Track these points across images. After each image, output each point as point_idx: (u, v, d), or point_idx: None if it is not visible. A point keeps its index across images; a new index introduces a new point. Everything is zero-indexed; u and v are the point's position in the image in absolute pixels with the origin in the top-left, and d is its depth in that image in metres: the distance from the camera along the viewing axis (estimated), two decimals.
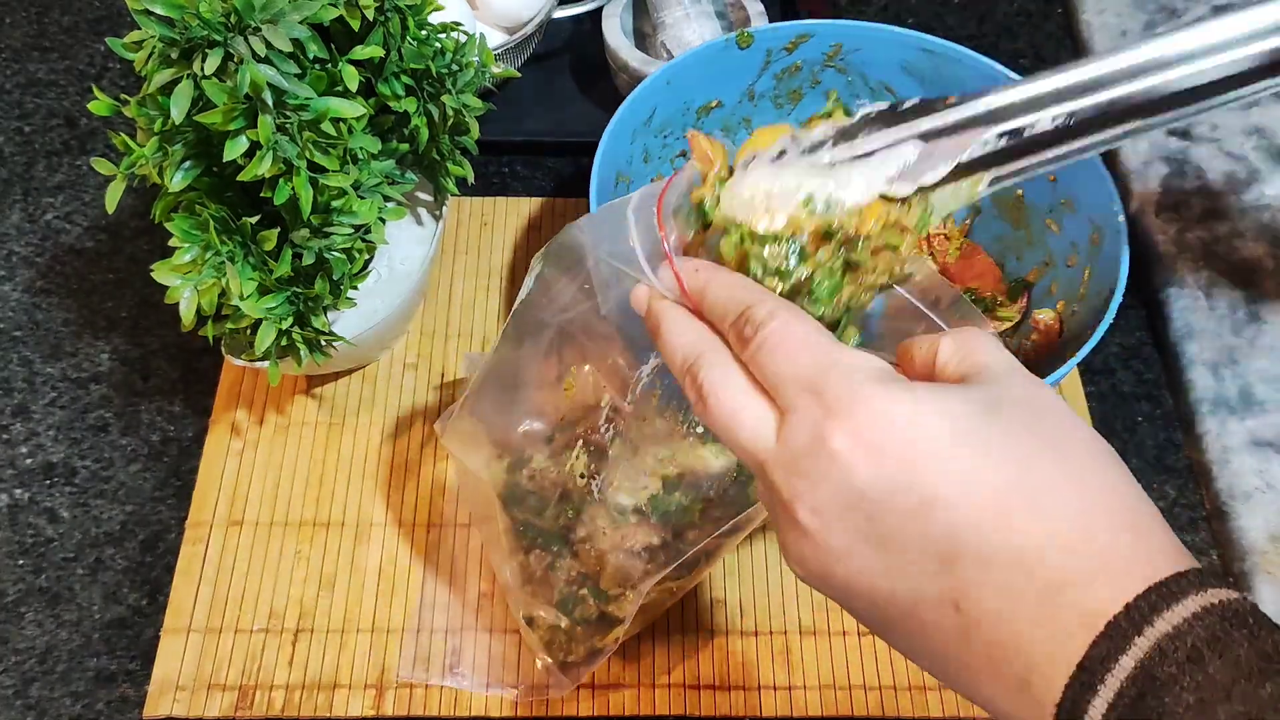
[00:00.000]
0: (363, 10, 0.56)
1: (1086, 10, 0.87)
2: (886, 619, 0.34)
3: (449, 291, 0.73)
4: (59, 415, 0.68)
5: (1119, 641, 0.29)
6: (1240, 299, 0.71)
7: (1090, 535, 0.31)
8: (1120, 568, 0.30)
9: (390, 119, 0.61)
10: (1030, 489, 0.31)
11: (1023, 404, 0.33)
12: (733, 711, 0.58)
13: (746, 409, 0.35)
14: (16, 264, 0.74)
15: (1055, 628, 0.30)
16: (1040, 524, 0.31)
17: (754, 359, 0.36)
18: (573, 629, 0.55)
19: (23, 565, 0.62)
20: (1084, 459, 0.33)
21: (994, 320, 0.67)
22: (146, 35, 0.52)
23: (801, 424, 0.33)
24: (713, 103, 0.69)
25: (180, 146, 0.54)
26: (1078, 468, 0.32)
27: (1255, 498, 0.64)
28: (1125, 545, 0.31)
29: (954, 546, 0.31)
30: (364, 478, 0.65)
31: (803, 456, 0.33)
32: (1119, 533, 0.31)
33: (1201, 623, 0.29)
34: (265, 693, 0.58)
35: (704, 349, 0.37)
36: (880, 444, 0.32)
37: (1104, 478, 0.32)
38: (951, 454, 0.32)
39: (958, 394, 0.33)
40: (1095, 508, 0.31)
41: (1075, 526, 0.31)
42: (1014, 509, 0.31)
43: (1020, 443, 0.32)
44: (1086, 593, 0.30)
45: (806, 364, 0.34)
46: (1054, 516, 0.31)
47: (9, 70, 0.84)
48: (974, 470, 0.32)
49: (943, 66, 0.67)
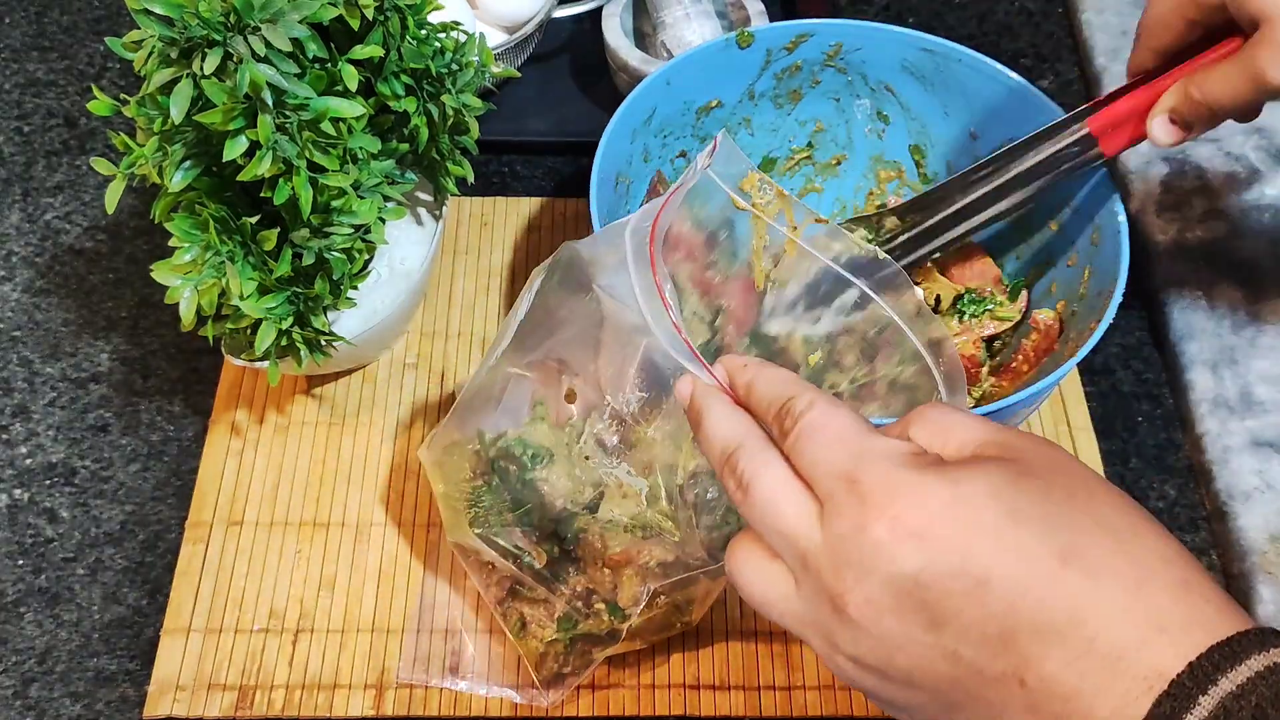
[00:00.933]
0: (362, 10, 0.56)
1: (1086, 10, 0.87)
2: (952, 703, 0.34)
3: (449, 291, 0.73)
4: (59, 415, 0.68)
5: (1183, 700, 0.30)
6: (1240, 299, 0.71)
7: (1144, 598, 0.31)
8: (1178, 628, 0.31)
9: (390, 119, 0.61)
10: (1079, 557, 0.32)
11: (1052, 471, 0.34)
12: (733, 711, 0.58)
13: (787, 499, 0.35)
14: (16, 264, 0.74)
15: (1120, 691, 0.30)
16: (1095, 591, 0.31)
17: (793, 449, 0.36)
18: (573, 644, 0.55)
19: (22, 565, 0.62)
20: (1124, 522, 0.33)
21: (994, 320, 0.67)
22: (146, 35, 0.52)
23: (842, 514, 0.33)
24: (713, 102, 0.69)
25: (180, 146, 0.54)
26: (1121, 531, 0.33)
27: (1255, 498, 0.64)
28: (1181, 606, 0.31)
29: (1013, 622, 0.32)
30: (364, 478, 0.65)
31: (849, 547, 0.33)
32: (1175, 594, 0.31)
33: (1265, 681, 0.29)
34: (265, 693, 0.58)
35: (745, 438, 0.37)
36: (924, 529, 0.32)
37: (1148, 540, 0.33)
38: (997, 531, 0.32)
39: (992, 469, 0.34)
40: (1147, 571, 0.32)
41: (1129, 590, 0.31)
42: (1066, 578, 0.31)
43: (1062, 512, 0.33)
44: (1148, 655, 0.30)
45: (841, 454, 0.34)
46: (1107, 582, 0.31)
47: (8, 70, 0.84)
48: (1021, 544, 0.32)
49: (943, 66, 0.67)
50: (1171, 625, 0.31)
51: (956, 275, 0.70)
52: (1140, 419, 0.70)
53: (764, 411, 0.38)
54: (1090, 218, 0.62)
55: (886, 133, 0.71)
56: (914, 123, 0.70)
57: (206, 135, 0.54)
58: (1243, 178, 0.76)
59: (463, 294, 0.73)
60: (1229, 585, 0.63)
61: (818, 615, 0.35)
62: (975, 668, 0.32)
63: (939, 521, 0.32)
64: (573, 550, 0.54)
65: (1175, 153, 0.77)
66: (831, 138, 0.72)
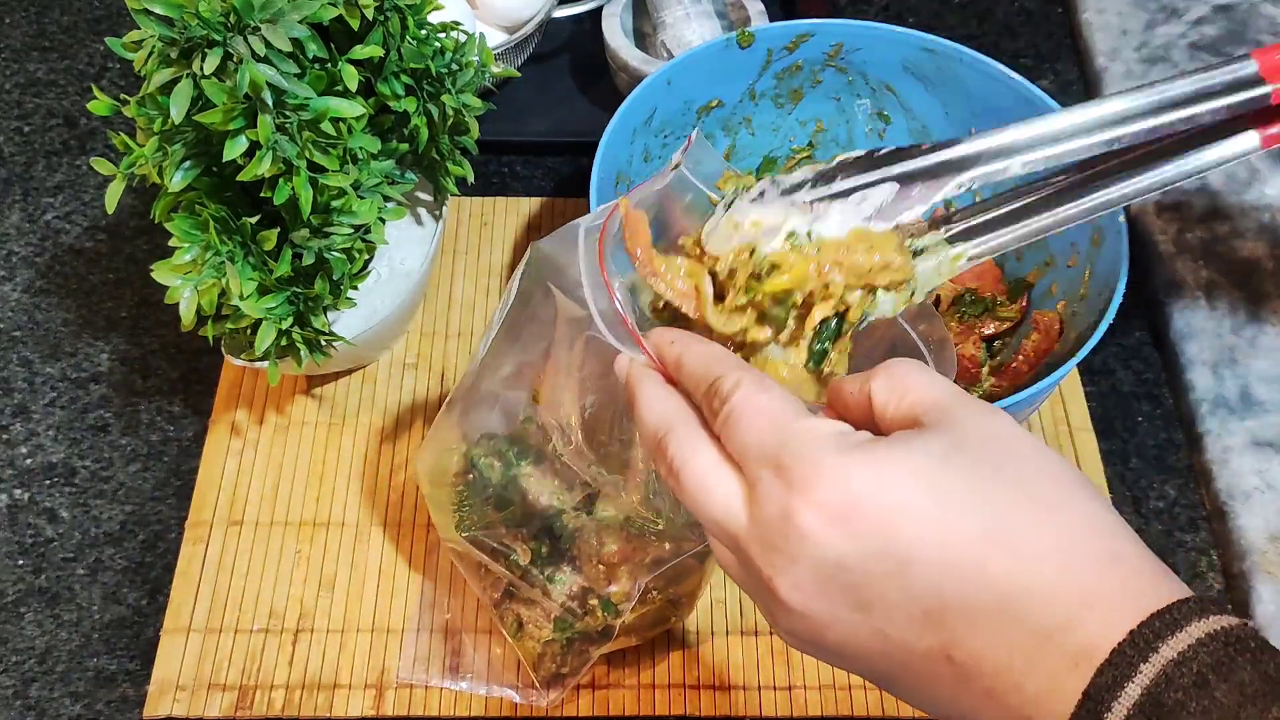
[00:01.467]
0: (362, 10, 0.56)
1: (1087, 10, 0.87)
2: (886, 674, 0.34)
3: (449, 291, 0.73)
4: (59, 415, 0.68)
5: (1125, 669, 0.29)
6: (1240, 299, 0.71)
7: (1073, 574, 0.31)
8: (1109, 604, 0.31)
9: (390, 119, 0.61)
10: (1005, 535, 0.31)
11: (984, 443, 0.33)
12: (733, 711, 0.58)
13: (718, 485, 0.35)
14: (16, 264, 0.74)
15: (1050, 668, 0.30)
16: (1020, 569, 0.31)
17: (722, 430, 0.36)
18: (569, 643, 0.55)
19: (23, 565, 0.62)
20: (1055, 495, 0.33)
21: (994, 320, 0.67)
22: (146, 35, 0.52)
23: (768, 499, 0.33)
24: (713, 102, 0.69)
25: (180, 146, 0.54)
26: (1051, 505, 0.32)
27: (1255, 498, 0.64)
28: (1112, 581, 0.31)
29: (938, 602, 0.32)
30: (364, 478, 0.65)
31: (775, 533, 0.33)
32: (1103, 568, 0.31)
33: (1205, 649, 0.29)
34: (265, 693, 0.58)
35: (674, 421, 0.37)
36: (847, 514, 0.32)
37: (1079, 512, 0.32)
38: (920, 512, 0.32)
39: (917, 446, 0.33)
40: (1074, 545, 0.32)
41: (1056, 567, 0.31)
42: (991, 557, 0.31)
43: (989, 488, 0.32)
44: (1077, 633, 0.30)
45: (767, 436, 0.34)
46: (1033, 559, 0.31)
47: (9, 70, 0.84)
48: (945, 524, 0.32)
49: (943, 66, 0.67)
50: (1099, 601, 0.31)
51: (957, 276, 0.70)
52: (1140, 419, 0.70)
53: (694, 389, 0.38)
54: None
55: (887, 132, 0.71)
56: (914, 123, 0.70)
57: (206, 135, 0.54)
58: (1243, 178, 0.76)
59: (463, 294, 0.73)
60: (1229, 585, 0.63)
61: (755, 592, 0.35)
62: (903, 645, 0.33)
63: (862, 504, 0.32)
64: (568, 549, 0.53)
65: None
66: (832, 137, 0.72)
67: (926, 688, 0.33)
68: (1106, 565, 0.31)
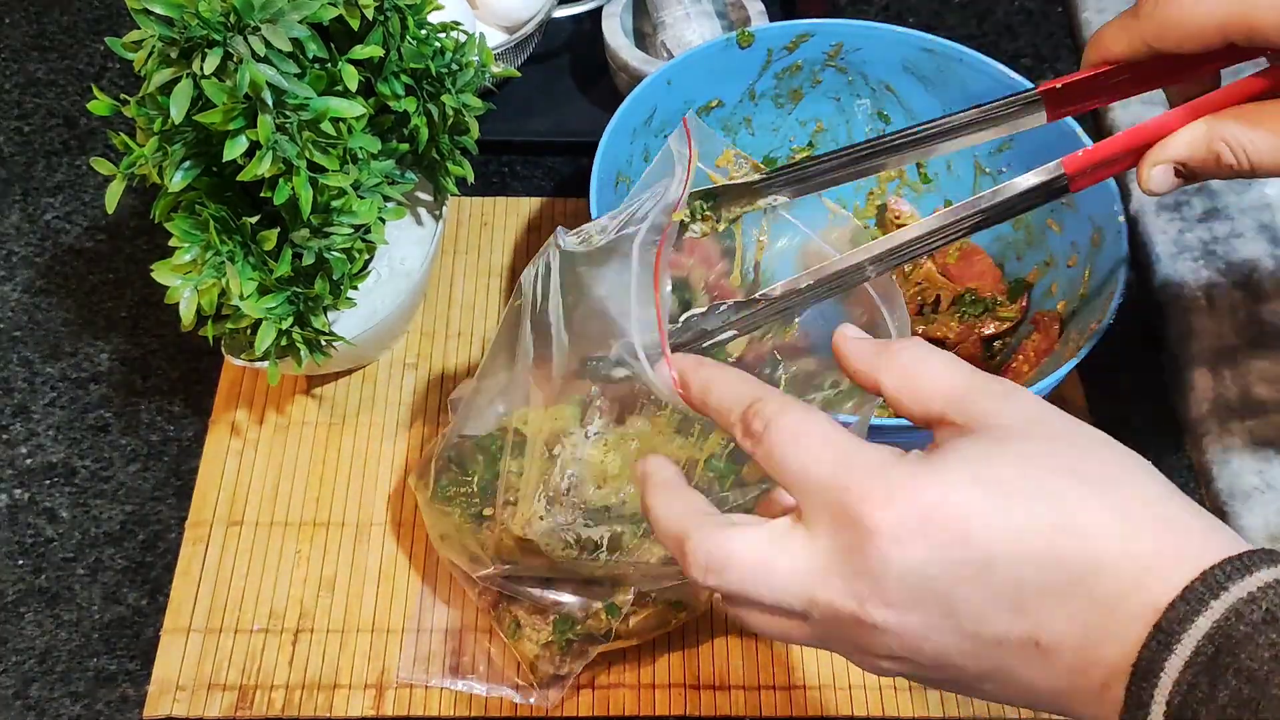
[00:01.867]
0: (362, 10, 0.56)
1: (1087, 9, 0.87)
2: (981, 674, 0.35)
3: (449, 291, 0.73)
4: (59, 415, 0.68)
5: (1195, 605, 0.31)
6: (1240, 299, 0.71)
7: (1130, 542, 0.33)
8: (1167, 564, 0.33)
9: (390, 119, 0.61)
10: (1067, 518, 0.33)
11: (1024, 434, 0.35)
12: (733, 711, 0.58)
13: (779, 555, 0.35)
14: (16, 264, 0.74)
15: (1121, 632, 0.33)
16: (1085, 546, 0.33)
17: (770, 455, 0.36)
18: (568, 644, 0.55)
19: (22, 565, 0.62)
20: (1102, 471, 0.35)
21: (994, 320, 0.67)
22: (146, 35, 0.52)
23: (842, 526, 0.34)
24: (713, 102, 0.69)
25: (180, 146, 0.54)
26: (1101, 481, 0.34)
27: (1255, 498, 0.64)
28: (1165, 543, 0.33)
29: (1020, 593, 0.33)
30: (364, 478, 0.65)
31: (856, 558, 0.34)
32: (1158, 533, 0.33)
33: (1275, 589, 0.31)
34: (265, 693, 0.58)
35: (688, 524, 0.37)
36: (924, 527, 0.34)
37: (1127, 483, 0.35)
38: (989, 514, 0.34)
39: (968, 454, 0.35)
40: (1128, 516, 0.34)
41: (1115, 539, 0.33)
42: (1058, 541, 0.33)
43: (1042, 475, 0.34)
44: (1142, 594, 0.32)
45: (832, 463, 0.35)
46: (1094, 536, 0.33)
47: (8, 70, 0.84)
48: (1013, 521, 0.34)
49: (943, 66, 0.67)
50: (1156, 565, 0.33)
51: (956, 275, 0.70)
52: (1140, 419, 0.70)
53: (725, 411, 0.38)
54: (1090, 218, 0.62)
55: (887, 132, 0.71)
56: (914, 122, 0.70)
57: (206, 135, 0.54)
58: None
59: (463, 294, 0.73)
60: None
61: (839, 635, 0.36)
62: (995, 640, 0.34)
63: (936, 516, 0.34)
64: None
65: None
66: (832, 137, 0.73)
67: (1021, 679, 0.35)
68: (1160, 530, 0.33)
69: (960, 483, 0.34)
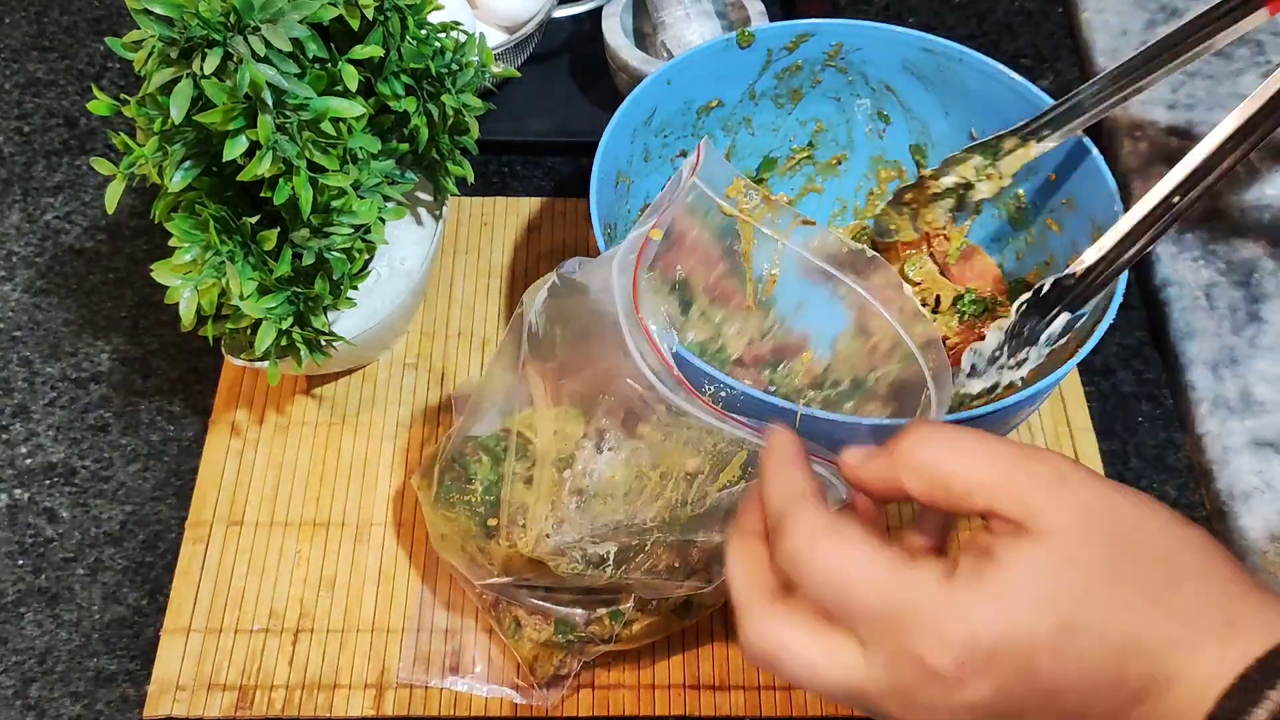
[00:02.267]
0: (362, 10, 0.56)
1: (1087, 9, 0.87)
2: None
3: (449, 291, 0.73)
4: (59, 415, 0.68)
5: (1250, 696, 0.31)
6: (1240, 299, 0.71)
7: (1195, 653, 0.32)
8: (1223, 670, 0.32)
9: (390, 119, 0.61)
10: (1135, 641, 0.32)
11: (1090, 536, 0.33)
12: (733, 711, 0.58)
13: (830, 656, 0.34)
14: (16, 264, 0.74)
15: None
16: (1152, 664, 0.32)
17: (807, 583, 0.35)
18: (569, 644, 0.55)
19: (22, 565, 0.62)
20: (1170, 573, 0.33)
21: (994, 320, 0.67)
22: (146, 35, 0.52)
23: (897, 658, 0.33)
24: (713, 102, 0.69)
25: (180, 146, 0.54)
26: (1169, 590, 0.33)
27: (1255, 498, 0.64)
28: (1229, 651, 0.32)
29: (1085, 711, 0.32)
30: (364, 478, 0.65)
31: (915, 689, 0.33)
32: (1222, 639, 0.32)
33: None
34: (265, 693, 0.58)
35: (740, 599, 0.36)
36: (986, 667, 0.32)
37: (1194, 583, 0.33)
38: (1057, 647, 0.32)
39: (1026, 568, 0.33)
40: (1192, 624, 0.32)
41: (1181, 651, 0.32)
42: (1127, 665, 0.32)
43: (1111, 594, 0.32)
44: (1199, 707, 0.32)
45: (874, 596, 0.33)
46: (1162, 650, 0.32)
47: (9, 70, 0.84)
48: (1081, 649, 0.32)
49: (943, 66, 0.67)
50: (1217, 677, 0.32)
51: (956, 275, 0.70)
52: (1140, 419, 0.70)
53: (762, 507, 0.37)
54: (1090, 218, 0.62)
55: (887, 132, 0.71)
56: (915, 122, 0.70)
57: (206, 135, 0.54)
58: (1243, 178, 0.76)
59: (463, 294, 0.73)
60: None
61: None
62: None
63: (998, 651, 0.32)
64: None
65: (1175, 152, 0.77)
66: (832, 137, 0.72)
67: None
68: (1224, 634, 0.32)
69: (1023, 613, 0.32)
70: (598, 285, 0.48)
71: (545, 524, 0.51)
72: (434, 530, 0.58)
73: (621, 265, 0.47)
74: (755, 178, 0.73)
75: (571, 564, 0.51)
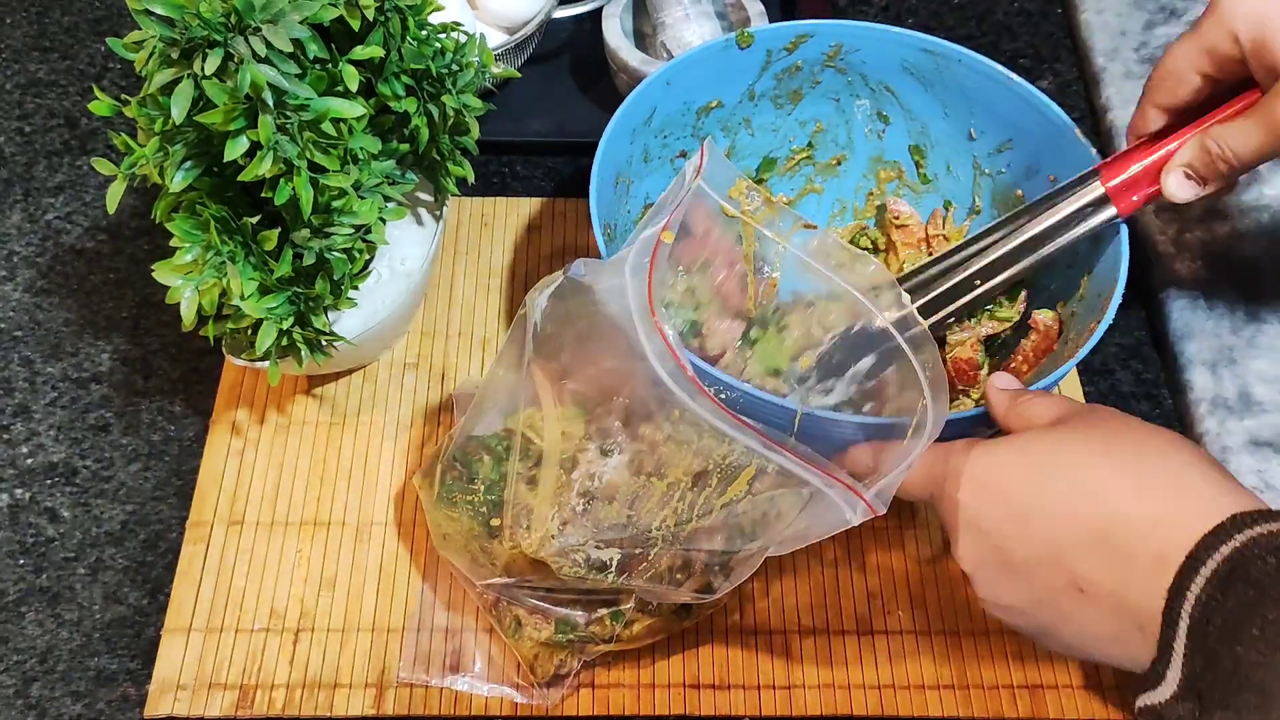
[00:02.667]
0: (363, 10, 0.56)
1: (1086, 10, 0.87)
2: (1054, 621, 0.44)
3: (449, 291, 0.73)
4: (59, 415, 0.68)
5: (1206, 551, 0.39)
6: (1239, 299, 0.71)
7: (1144, 504, 0.41)
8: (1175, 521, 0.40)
9: (390, 119, 0.62)
10: (1084, 484, 0.43)
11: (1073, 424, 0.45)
12: (733, 711, 0.58)
13: None
14: (17, 264, 0.74)
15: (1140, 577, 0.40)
16: (1101, 507, 0.42)
17: None
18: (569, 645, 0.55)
19: (23, 565, 0.62)
20: (1134, 449, 0.44)
21: (994, 320, 0.67)
22: (147, 35, 0.52)
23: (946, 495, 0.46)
24: (713, 103, 0.69)
25: (181, 146, 0.55)
26: (1127, 457, 0.43)
27: None
28: (1175, 504, 0.41)
29: (1055, 546, 0.43)
30: (364, 478, 0.65)
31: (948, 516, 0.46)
32: (1170, 496, 0.41)
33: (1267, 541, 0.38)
34: (266, 692, 0.58)
35: None
36: (979, 488, 0.45)
37: (1154, 457, 0.43)
38: (1025, 479, 0.44)
39: (1020, 438, 0.46)
40: (1143, 483, 0.42)
41: (1129, 500, 0.42)
42: (1079, 503, 0.42)
43: (1075, 454, 0.44)
44: (1151, 545, 0.41)
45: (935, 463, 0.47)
46: (1109, 498, 0.42)
47: (9, 70, 0.84)
48: (1042, 484, 0.43)
49: (943, 67, 0.67)
50: (1166, 520, 0.41)
51: None
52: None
53: None
54: None
55: (886, 133, 0.71)
56: (914, 123, 0.70)
57: (207, 135, 0.54)
58: (1243, 178, 0.76)
59: (463, 294, 0.73)
60: None
61: None
62: (1047, 588, 0.43)
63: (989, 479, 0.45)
64: None
65: None
66: (831, 138, 0.73)
67: (1072, 624, 0.43)
68: (1172, 493, 0.41)
69: (1008, 456, 0.45)
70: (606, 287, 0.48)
71: (550, 525, 0.51)
72: (435, 530, 0.58)
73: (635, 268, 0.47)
74: (755, 178, 0.73)
75: (574, 567, 0.51)
